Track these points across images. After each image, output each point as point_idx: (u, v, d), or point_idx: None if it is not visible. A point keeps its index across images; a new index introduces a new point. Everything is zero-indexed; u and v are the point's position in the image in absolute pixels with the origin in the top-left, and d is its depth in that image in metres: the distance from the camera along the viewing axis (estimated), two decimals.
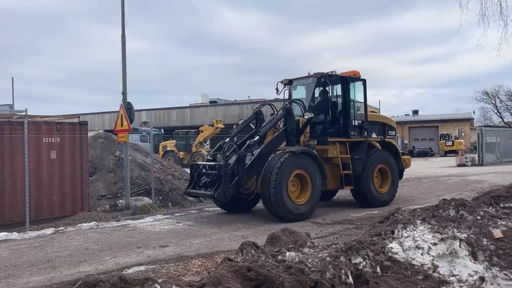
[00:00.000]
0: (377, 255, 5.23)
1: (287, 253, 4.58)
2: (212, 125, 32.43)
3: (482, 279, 5.09)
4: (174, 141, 32.89)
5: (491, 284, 4.99)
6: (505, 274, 5.13)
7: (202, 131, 32.84)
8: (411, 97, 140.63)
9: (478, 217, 6.42)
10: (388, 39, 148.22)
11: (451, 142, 42.81)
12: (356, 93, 10.66)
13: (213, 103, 50.19)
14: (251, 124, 10.53)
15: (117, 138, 10.57)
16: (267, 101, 11.12)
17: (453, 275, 5.15)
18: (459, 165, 25.71)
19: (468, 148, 45.40)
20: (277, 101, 42.15)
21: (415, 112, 60.42)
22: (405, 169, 11.71)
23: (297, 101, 10.18)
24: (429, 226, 6.09)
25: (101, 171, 11.79)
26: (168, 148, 32.90)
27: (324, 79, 10.08)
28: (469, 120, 52.89)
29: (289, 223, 8.15)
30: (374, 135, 10.93)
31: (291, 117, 9.52)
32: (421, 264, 5.23)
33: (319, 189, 9.19)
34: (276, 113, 10.28)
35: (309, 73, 10.53)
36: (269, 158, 8.89)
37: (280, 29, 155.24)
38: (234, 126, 13.48)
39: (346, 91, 10.41)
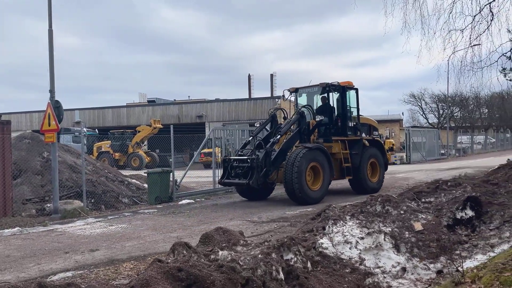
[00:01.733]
0: (308, 251, 5.39)
1: (220, 252, 4.59)
2: (150, 125, 31.67)
3: (404, 269, 5.41)
4: (109, 141, 31.67)
5: (412, 274, 5.32)
6: (424, 264, 5.50)
7: (139, 131, 31.96)
8: None
9: (402, 212, 6.83)
10: (326, 43, 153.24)
11: (383, 142, 44.99)
12: (351, 100, 12.64)
13: (152, 102, 49.03)
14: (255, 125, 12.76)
15: (45, 138, 10.00)
16: (279, 107, 13.35)
17: (378, 267, 5.43)
18: (389, 164, 27.17)
19: (398, 147, 48.02)
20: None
21: None
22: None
23: (308, 107, 12.03)
24: (358, 221, 6.38)
25: (26, 173, 11.07)
26: (103, 149, 31.63)
27: (328, 88, 12.06)
28: (398, 121, 56.03)
29: (307, 205, 9.99)
30: (363, 135, 13.01)
31: (304, 120, 11.41)
32: (349, 258, 5.46)
33: (329, 179, 11.11)
34: (286, 116, 12.37)
35: (310, 82, 12.71)
36: (288, 153, 10.69)
37: (220, 29, 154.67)
38: (257, 124, 15.40)
39: (343, 98, 12.30)
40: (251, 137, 11.81)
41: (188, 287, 3.76)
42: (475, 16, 11.93)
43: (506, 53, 15.25)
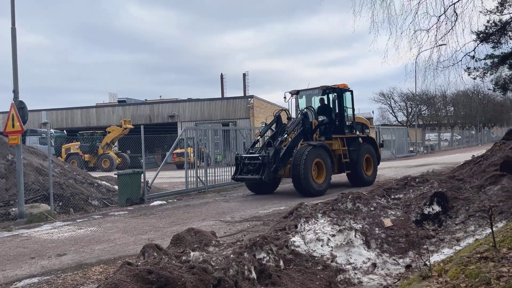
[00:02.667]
0: (281, 249, 5.40)
1: (192, 253, 4.54)
2: (120, 126, 31.07)
3: (374, 265, 5.50)
4: (79, 143, 30.88)
5: (382, 269, 5.42)
6: (393, 259, 5.60)
7: (109, 132, 31.30)
8: None
9: (372, 209, 6.94)
10: (297, 42, 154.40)
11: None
12: (347, 101, 13.74)
13: (122, 102, 48.13)
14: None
15: (8, 140, 9.65)
16: (284, 108, 14.00)
17: (349, 263, 5.50)
18: None
19: None
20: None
21: None
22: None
23: (310, 108, 12.99)
24: (329, 218, 6.43)
25: None
26: (71, 151, 30.83)
27: (328, 90, 13.22)
28: (369, 119, 57.01)
29: (312, 197, 10.80)
30: (357, 132, 14.13)
31: (307, 120, 12.41)
32: (321, 255, 5.50)
33: (331, 173, 12.27)
34: (289, 116, 13.49)
35: (308, 85, 13.96)
36: (295, 150, 11.77)
37: (190, 28, 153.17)
38: (263, 124, 16.54)
39: (340, 100, 13.49)
40: (259, 136, 13.18)
41: None
42: (439, 16, 12.28)
43: (469, 52, 15.77)
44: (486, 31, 16.78)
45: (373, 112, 63.23)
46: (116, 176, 12.56)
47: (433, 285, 3.73)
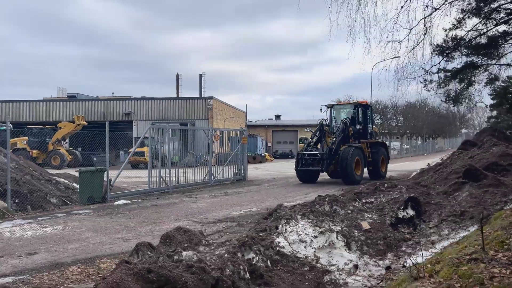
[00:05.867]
0: (267, 250, 5.38)
1: (184, 253, 4.42)
2: (73, 122, 29.78)
3: (356, 266, 5.61)
4: (26, 138, 29.23)
5: (364, 270, 5.54)
6: (374, 261, 5.75)
7: (61, 128, 29.89)
8: (272, 102, 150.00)
9: (349, 211, 7.10)
10: (255, 45, 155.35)
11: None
12: (369, 114, 18.21)
13: (72, 98, 46.18)
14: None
15: None
16: (323, 118, 17.49)
17: (332, 265, 5.58)
18: None
19: None
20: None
21: (278, 117, 64.45)
22: None
23: (346, 119, 16.67)
24: (309, 220, 6.51)
25: None
26: (18, 146, 29.08)
27: (358, 106, 17.59)
28: None
29: (353, 185, 13.22)
30: (375, 138, 18.52)
31: (347, 128, 16.33)
32: (305, 256, 5.55)
33: (363, 168, 16.33)
34: (328, 125, 17.39)
35: (336, 100, 19.22)
36: (340, 150, 15.61)
37: (146, 24, 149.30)
38: (307, 130, 21.98)
39: (365, 113, 17.70)
40: (310, 138, 17.16)
41: None
42: (411, 29, 12.81)
43: (423, 64, 16.64)
44: (443, 45, 17.71)
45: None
46: (73, 173, 12.03)
47: (427, 285, 3.86)
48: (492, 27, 18.15)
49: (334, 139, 15.90)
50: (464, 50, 19.04)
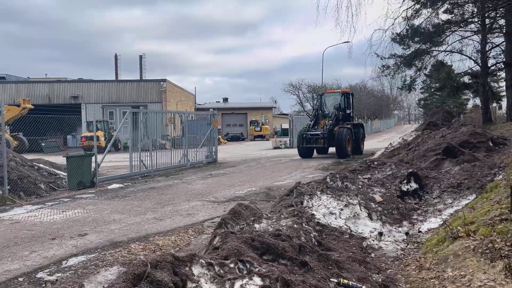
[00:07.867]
0: (310, 221, 5.96)
1: (255, 225, 4.88)
2: (19, 105, 28.09)
3: (380, 233, 6.34)
4: None
5: (388, 236, 6.28)
6: (395, 228, 6.53)
7: (5, 112, 28.06)
8: (210, 84, 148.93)
9: (360, 186, 7.84)
10: (191, 26, 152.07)
11: (259, 128, 47.65)
12: (351, 100, 21.49)
13: (2, 79, 43.06)
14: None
15: None
16: (317, 107, 21.54)
17: (360, 233, 6.28)
18: (275, 148, 29.03)
19: (271, 133, 51.15)
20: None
21: (225, 99, 64.59)
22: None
23: (337, 105, 19.79)
24: (329, 195, 7.16)
25: None
26: None
27: (345, 94, 21.11)
28: (271, 108, 59.55)
29: (344, 158, 17.96)
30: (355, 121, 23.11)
31: (338, 112, 19.54)
32: (339, 226, 6.19)
33: (352, 145, 19.51)
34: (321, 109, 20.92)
35: (324, 88, 21.66)
36: (334, 131, 18.77)
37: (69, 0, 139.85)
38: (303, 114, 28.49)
39: (349, 99, 21.17)
40: (310, 121, 20.61)
41: (262, 255, 4.04)
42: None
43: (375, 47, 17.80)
44: (401, 33, 18.98)
45: (275, 101, 65.86)
46: (48, 158, 11.70)
47: (470, 242, 4.64)
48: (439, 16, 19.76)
49: (330, 122, 19.10)
50: (416, 38, 20.60)
